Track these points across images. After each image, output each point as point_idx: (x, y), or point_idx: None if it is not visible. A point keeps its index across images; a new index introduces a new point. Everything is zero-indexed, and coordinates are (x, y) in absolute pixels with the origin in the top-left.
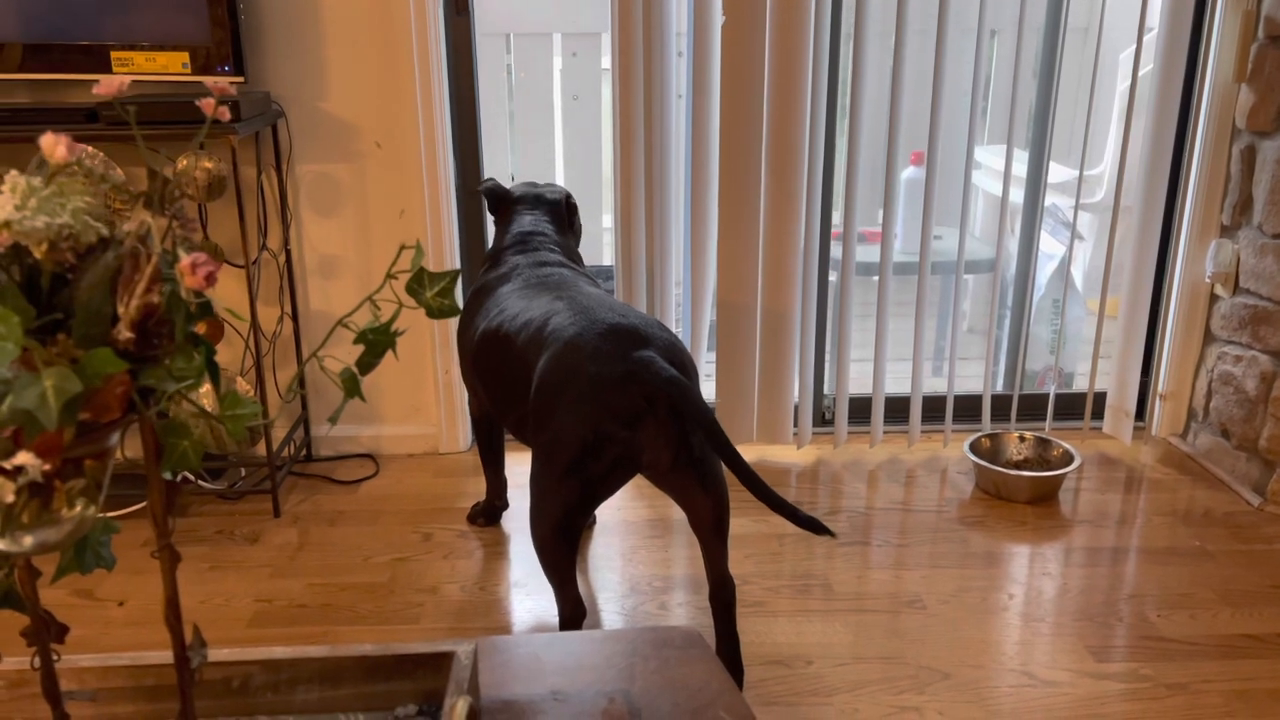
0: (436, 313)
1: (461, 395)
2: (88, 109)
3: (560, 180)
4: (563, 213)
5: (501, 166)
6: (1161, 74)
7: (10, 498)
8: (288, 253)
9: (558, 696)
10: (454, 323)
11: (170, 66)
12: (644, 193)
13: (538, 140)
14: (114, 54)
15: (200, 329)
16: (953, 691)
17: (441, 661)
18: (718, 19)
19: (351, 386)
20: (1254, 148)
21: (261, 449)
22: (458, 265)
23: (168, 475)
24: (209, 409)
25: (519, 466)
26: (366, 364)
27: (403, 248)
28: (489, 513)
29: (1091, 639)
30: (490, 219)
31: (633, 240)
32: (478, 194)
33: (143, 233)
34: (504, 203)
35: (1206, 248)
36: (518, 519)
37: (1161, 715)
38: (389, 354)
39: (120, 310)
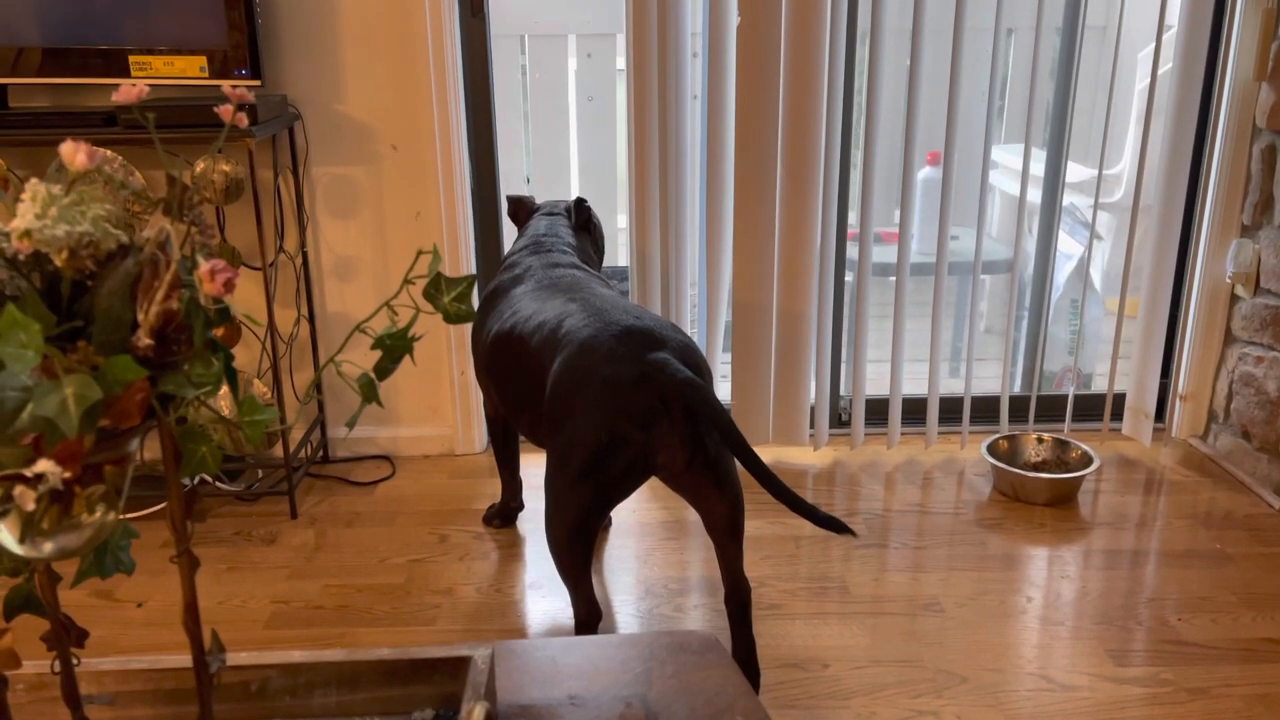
0: (454, 318)
1: (477, 396)
2: (106, 113)
3: (575, 181)
4: (576, 215)
5: (517, 168)
6: (1181, 73)
7: (31, 505)
8: (304, 255)
9: (575, 701)
10: (469, 324)
11: (188, 70)
12: (659, 193)
13: (553, 141)
14: (132, 58)
15: (218, 334)
16: (971, 695)
17: (458, 666)
18: (733, 19)
19: (369, 392)
20: (1275, 147)
21: (279, 450)
22: (474, 266)
23: (186, 480)
24: (227, 413)
25: (534, 468)
26: (384, 369)
27: (420, 253)
28: (504, 514)
29: (1111, 642)
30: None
31: (648, 241)
32: (496, 201)
33: (162, 239)
34: (523, 209)
35: (1227, 247)
36: (533, 520)
37: None
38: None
39: (140, 317)
